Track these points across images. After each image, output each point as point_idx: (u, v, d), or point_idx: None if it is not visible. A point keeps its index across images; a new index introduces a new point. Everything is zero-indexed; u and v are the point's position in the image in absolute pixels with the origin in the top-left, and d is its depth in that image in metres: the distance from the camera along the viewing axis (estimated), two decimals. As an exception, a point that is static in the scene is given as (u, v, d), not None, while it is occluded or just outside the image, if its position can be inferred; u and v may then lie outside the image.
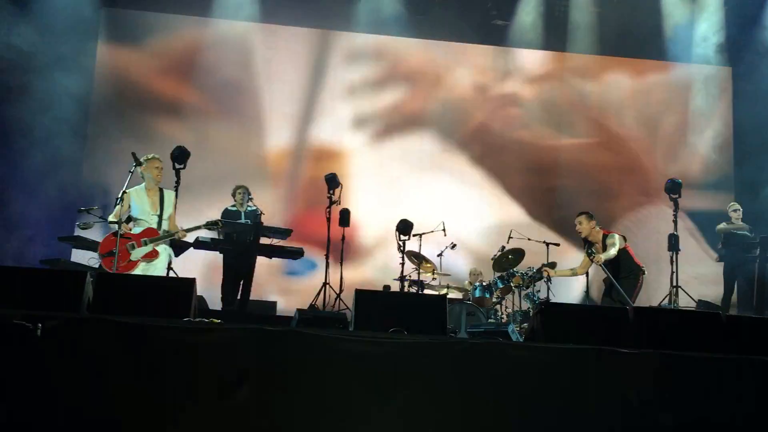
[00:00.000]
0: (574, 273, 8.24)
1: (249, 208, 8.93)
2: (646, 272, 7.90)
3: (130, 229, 6.74)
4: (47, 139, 10.25)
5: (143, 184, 6.98)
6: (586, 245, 8.06)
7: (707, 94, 12.24)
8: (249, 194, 8.96)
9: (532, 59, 12.24)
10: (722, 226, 9.82)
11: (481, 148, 11.97)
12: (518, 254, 9.45)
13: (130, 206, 6.83)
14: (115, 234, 6.63)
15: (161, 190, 7.00)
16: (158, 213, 6.85)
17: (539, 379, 4.36)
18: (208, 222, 7.23)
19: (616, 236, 7.88)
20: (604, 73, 12.32)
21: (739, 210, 9.82)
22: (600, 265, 7.63)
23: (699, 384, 4.51)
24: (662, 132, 12.26)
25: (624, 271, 7.74)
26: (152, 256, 6.81)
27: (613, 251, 7.67)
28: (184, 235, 7.05)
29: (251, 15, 11.52)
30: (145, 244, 6.77)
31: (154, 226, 6.85)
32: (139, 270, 6.74)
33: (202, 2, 11.36)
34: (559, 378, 4.38)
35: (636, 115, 12.28)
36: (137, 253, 6.73)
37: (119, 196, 6.73)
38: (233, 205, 8.99)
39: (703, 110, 12.26)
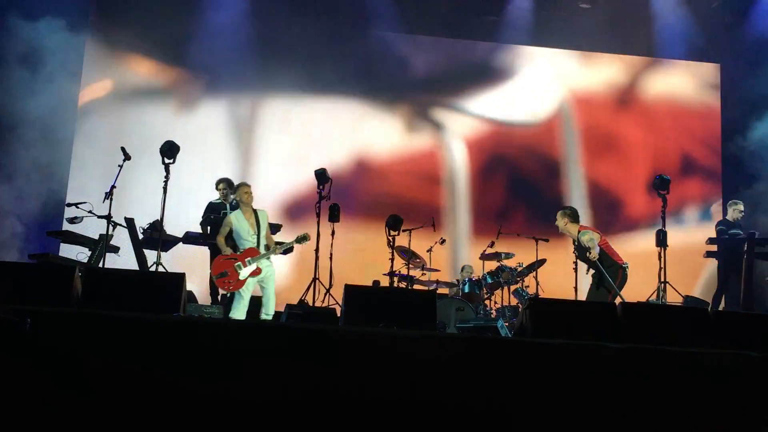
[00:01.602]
0: None
1: (233, 202, 8.93)
2: (627, 267, 7.78)
3: (230, 251, 7.51)
4: (34, 133, 10.18)
5: (239, 208, 7.68)
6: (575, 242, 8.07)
7: (695, 91, 12.28)
8: (233, 187, 8.96)
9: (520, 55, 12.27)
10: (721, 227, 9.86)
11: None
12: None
13: (231, 229, 7.60)
14: (225, 256, 7.43)
15: (255, 211, 7.65)
16: (256, 232, 7.56)
17: (528, 374, 4.39)
18: (297, 237, 7.75)
19: (590, 232, 7.75)
20: (592, 68, 12.34)
21: (742, 211, 9.78)
22: (594, 261, 7.61)
23: (686, 379, 4.55)
24: (651, 128, 12.30)
25: (603, 265, 7.70)
26: (257, 273, 7.45)
27: (597, 249, 7.64)
28: (279, 251, 7.75)
29: (242, 9, 11.46)
30: (249, 263, 7.42)
31: (254, 244, 7.53)
32: (250, 285, 7.43)
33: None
34: (547, 373, 4.41)
35: (624, 111, 12.32)
36: (244, 272, 7.39)
37: (108, 190, 6.81)
38: (218, 199, 8.98)
39: (691, 107, 12.32)
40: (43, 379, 3.89)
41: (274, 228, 8.64)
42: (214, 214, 8.76)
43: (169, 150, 7.76)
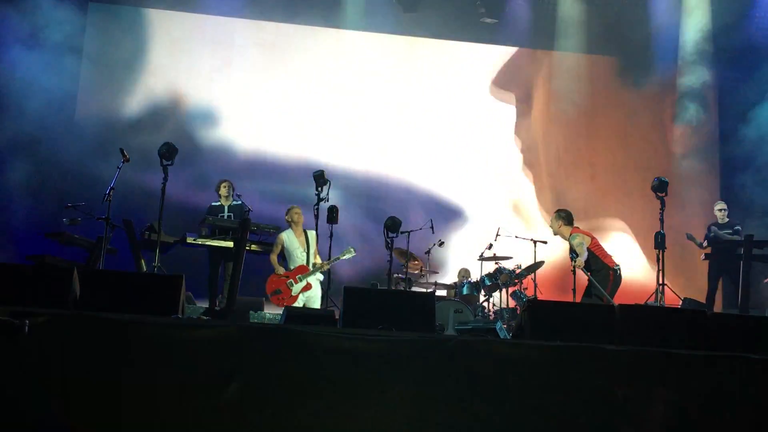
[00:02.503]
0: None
1: (234, 203, 8.95)
2: (619, 269, 7.75)
3: (283, 270, 8.21)
4: (33, 135, 10.18)
5: (290, 228, 8.34)
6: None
7: (693, 97, 12.30)
8: (233, 189, 9.00)
9: (524, 56, 12.28)
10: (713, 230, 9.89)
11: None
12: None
13: (283, 247, 8.27)
14: (278, 275, 8.14)
15: (305, 232, 8.34)
16: (306, 250, 8.25)
17: (528, 376, 4.38)
18: (343, 252, 8.35)
19: (579, 236, 7.70)
20: (590, 72, 12.35)
21: (724, 210, 9.91)
22: (581, 269, 7.59)
23: (685, 381, 4.55)
24: (648, 134, 12.31)
25: (592, 268, 7.66)
26: (308, 288, 8.15)
27: (586, 254, 7.61)
28: (327, 267, 8.25)
29: (236, 11, 11.48)
30: (300, 280, 8.13)
31: (304, 262, 8.22)
32: (300, 301, 8.06)
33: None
34: (546, 375, 4.41)
35: (621, 117, 12.33)
36: (296, 288, 8.11)
37: (107, 192, 6.81)
38: (217, 201, 9.01)
39: (689, 112, 12.33)
40: (41, 382, 3.88)
41: (272, 229, 8.66)
42: (212, 216, 8.78)
43: (168, 152, 7.75)
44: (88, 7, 11.25)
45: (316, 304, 8.16)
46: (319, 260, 8.32)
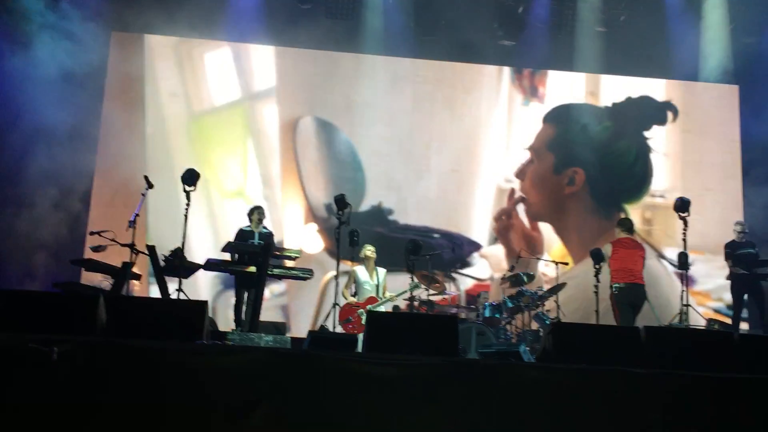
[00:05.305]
0: None
1: (263, 230, 8.99)
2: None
3: (354, 300, 8.79)
4: (58, 163, 10.30)
5: (363, 264, 8.90)
6: None
7: (714, 114, 12.23)
8: (263, 215, 9.05)
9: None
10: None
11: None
12: (530, 276, 9.54)
13: (355, 280, 8.88)
14: (350, 304, 8.70)
15: (376, 268, 8.92)
16: (376, 283, 8.83)
17: (553, 400, 4.36)
18: (410, 286, 8.75)
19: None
20: (609, 91, 12.33)
21: (744, 231, 9.78)
22: None
23: (711, 404, 4.49)
24: (669, 152, 12.25)
25: None
26: None
27: None
28: (396, 299, 8.90)
29: (258, 37, 11.60)
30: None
31: (374, 293, 8.75)
32: None
33: (211, 24, 11.43)
34: (573, 399, 4.38)
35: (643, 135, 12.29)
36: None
37: (132, 219, 6.89)
38: (248, 226, 9.04)
39: (710, 130, 12.26)
40: (71, 408, 3.92)
41: (295, 254, 8.72)
42: (243, 241, 8.81)
43: (190, 177, 7.81)
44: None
45: None
46: (388, 294, 8.79)
